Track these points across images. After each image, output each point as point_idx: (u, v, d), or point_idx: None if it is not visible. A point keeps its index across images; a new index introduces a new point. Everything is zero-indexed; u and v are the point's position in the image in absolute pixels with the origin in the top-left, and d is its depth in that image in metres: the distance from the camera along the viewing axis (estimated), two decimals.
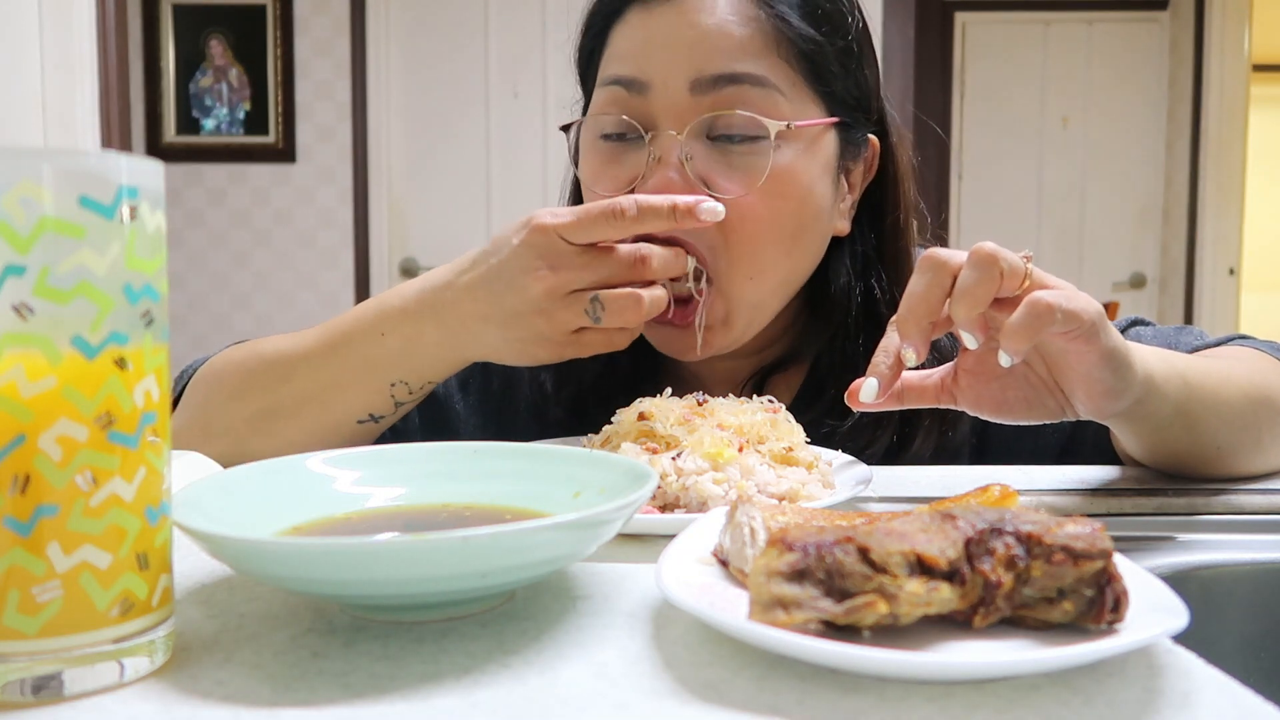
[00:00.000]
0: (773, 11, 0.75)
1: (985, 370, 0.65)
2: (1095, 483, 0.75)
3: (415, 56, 3.62)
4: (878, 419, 0.81)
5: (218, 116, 3.59)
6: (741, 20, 0.74)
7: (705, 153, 0.74)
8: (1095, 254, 4.26)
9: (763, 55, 0.74)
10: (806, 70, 0.76)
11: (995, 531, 0.40)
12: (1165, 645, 0.40)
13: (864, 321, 0.83)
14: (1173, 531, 0.66)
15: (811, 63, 0.76)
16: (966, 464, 0.86)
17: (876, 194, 0.86)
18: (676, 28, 0.74)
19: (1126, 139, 4.21)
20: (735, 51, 0.73)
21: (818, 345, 0.84)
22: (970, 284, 0.59)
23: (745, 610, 0.40)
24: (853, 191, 0.84)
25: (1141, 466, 0.80)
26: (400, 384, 0.74)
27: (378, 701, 0.36)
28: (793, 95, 0.76)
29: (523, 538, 0.40)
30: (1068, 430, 0.85)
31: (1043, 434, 0.85)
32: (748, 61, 0.74)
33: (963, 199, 4.30)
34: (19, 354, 0.34)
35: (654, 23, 0.75)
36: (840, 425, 0.81)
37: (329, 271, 3.64)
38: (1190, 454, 0.72)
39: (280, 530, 0.50)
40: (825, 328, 0.84)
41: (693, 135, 0.74)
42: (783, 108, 0.75)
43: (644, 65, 0.75)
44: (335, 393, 0.75)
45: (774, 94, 0.74)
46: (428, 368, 0.73)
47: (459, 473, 0.56)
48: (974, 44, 4.25)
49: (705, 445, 0.63)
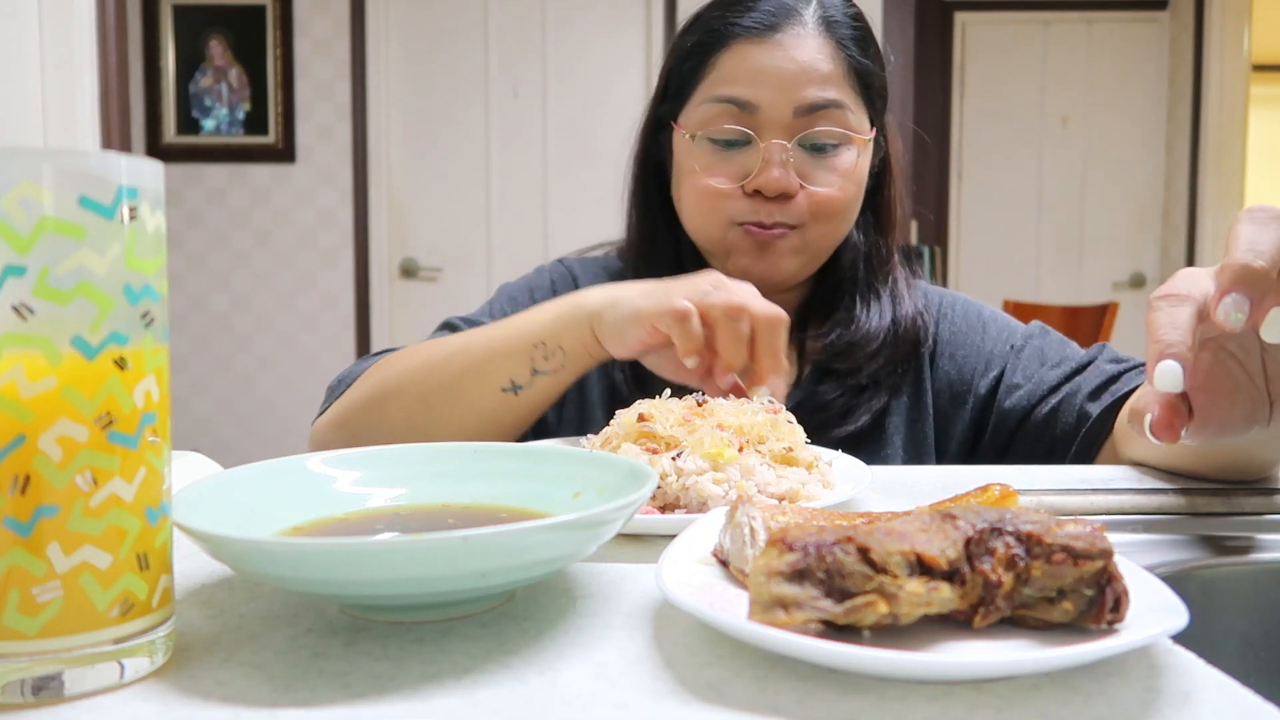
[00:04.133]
0: (845, 51, 0.96)
1: (1216, 387, 0.60)
2: (1095, 483, 0.75)
3: (415, 56, 3.62)
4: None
5: (218, 117, 3.59)
6: (825, 57, 0.95)
7: (803, 156, 0.96)
8: (1095, 254, 4.26)
9: (841, 83, 0.96)
10: (863, 92, 0.98)
11: (995, 531, 0.40)
12: (1165, 645, 0.40)
13: (863, 266, 1.04)
14: (1174, 531, 0.66)
15: (866, 86, 0.98)
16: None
17: (878, 177, 1.06)
18: (780, 62, 0.94)
19: (1126, 139, 4.21)
20: (824, 83, 0.95)
21: (828, 288, 1.05)
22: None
23: (745, 610, 0.40)
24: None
25: (1142, 467, 0.80)
26: (539, 346, 0.84)
27: (378, 701, 0.36)
28: (856, 111, 0.97)
29: (523, 538, 0.40)
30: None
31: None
32: (831, 89, 0.95)
33: (963, 199, 4.30)
34: (19, 354, 0.34)
35: (761, 55, 0.95)
36: (845, 334, 1.00)
37: (329, 271, 3.64)
38: (1265, 463, 0.74)
39: (280, 530, 0.50)
40: (836, 275, 1.05)
41: (796, 144, 0.95)
42: (852, 122, 0.96)
43: (754, 91, 0.94)
44: (488, 361, 0.86)
45: (847, 113, 0.96)
46: (564, 331, 0.84)
47: (459, 473, 0.56)
48: (974, 44, 4.26)
49: (705, 445, 0.63)
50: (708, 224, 0.98)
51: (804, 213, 0.96)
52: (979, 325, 1.03)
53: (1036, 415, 0.94)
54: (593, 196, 3.45)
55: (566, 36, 3.57)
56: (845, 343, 1.00)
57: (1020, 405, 0.96)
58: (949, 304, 1.06)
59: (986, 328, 1.03)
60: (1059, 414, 0.93)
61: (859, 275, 1.04)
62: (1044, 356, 0.98)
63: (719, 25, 0.98)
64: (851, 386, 0.99)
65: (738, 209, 0.96)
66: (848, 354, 0.99)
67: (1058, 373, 0.95)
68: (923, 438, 1.00)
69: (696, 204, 0.98)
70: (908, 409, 1.00)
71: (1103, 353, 0.96)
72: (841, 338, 1.00)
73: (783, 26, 0.95)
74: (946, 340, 1.03)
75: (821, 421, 0.96)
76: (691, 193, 0.98)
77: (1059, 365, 0.96)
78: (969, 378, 1.00)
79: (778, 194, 0.94)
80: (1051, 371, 0.96)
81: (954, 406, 1.00)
